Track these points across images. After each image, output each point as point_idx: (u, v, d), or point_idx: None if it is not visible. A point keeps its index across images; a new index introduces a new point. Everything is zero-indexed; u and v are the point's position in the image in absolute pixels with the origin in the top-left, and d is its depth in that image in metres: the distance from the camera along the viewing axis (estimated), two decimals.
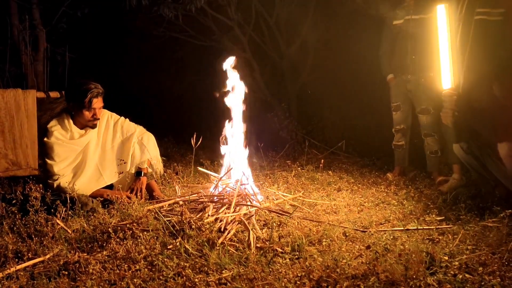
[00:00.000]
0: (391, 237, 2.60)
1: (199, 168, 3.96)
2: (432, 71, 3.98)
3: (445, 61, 3.34)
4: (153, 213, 2.90)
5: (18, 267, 2.19)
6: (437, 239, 2.59)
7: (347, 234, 2.70)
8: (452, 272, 2.08)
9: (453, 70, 3.32)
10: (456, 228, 2.75)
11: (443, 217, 3.02)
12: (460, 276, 2.02)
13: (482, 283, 1.97)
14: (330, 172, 4.51)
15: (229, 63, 3.62)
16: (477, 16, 3.28)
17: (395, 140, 4.52)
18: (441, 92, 3.42)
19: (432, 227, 2.78)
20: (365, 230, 2.76)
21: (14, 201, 2.75)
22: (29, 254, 2.34)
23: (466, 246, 2.42)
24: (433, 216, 3.00)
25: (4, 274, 2.11)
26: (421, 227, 2.79)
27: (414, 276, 2.03)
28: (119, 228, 2.61)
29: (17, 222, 2.64)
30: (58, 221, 2.69)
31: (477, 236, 2.60)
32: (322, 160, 4.64)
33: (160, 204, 3.14)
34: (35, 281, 2.07)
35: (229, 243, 2.52)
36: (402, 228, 2.77)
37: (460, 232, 2.62)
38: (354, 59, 6.65)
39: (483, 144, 3.25)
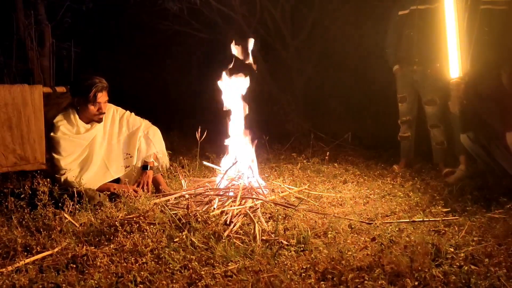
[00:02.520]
0: (397, 229, 2.60)
1: (205, 163, 3.98)
2: (438, 61, 3.95)
3: (452, 50, 3.32)
4: (159, 207, 2.92)
5: (27, 260, 2.22)
6: (443, 231, 2.58)
7: (352, 226, 2.70)
8: (458, 264, 2.07)
9: (460, 59, 3.30)
10: (462, 219, 2.74)
11: (449, 209, 3.01)
12: (466, 268, 2.02)
13: (488, 275, 1.96)
14: (336, 164, 4.50)
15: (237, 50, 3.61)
16: (483, 5, 3.25)
17: (401, 131, 4.50)
18: (447, 82, 3.40)
19: (438, 218, 2.78)
20: (370, 222, 2.76)
21: (22, 196, 2.78)
22: (37, 248, 2.36)
23: (472, 238, 2.41)
24: (439, 207, 2.99)
25: (13, 267, 2.14)
26: (427, 219, 2.78)
27: (420, 268, 2.03)
28: (126, 221, 2.63)
29: (25, 216, 2.67)
30: (65, 215, 2.72)
31: (484, 228, 2.59)
32: (328, 153, 4.63)
33: (166, 198, 3.16)
34: (44, 274, 2.09)
35: (235, 236, 2.53)
36: (408, 220, 2.77)
37: (466, 224, 2.62)
38: (360, 50, 6.62)
39: (491, 134, 3.23)
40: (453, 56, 3.33)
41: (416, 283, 1.92)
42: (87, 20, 6.51)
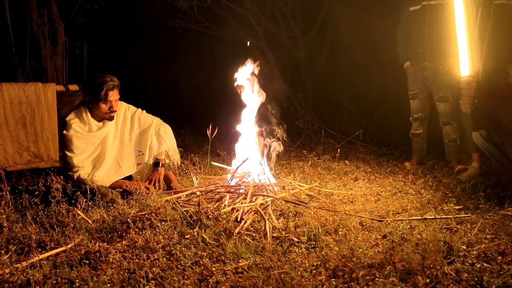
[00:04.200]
0: (408, 226, 2.58)
1: (213, 163, 3.99)
2: (450, 57, 3.90)
3: (463, 47, 3.27)
4: (171, 204, 2.94)
5: (41, 256, 2.25)
6: (455, 228, 2.56)
7: (363, 224, 2.69)
8: (470, 261, 2.06)
9: (471, 56, 3.26)
10: (474, 217, 2.72)
11: (461, 206, 2.98)
12: (478, 265, 2.00)
13: (501, 272, 1.95)
14: (346, 161, 4.49)
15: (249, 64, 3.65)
16: (496, 0, 3.20)
17: (413, 128, 4.47)
18: (459, 79, 3.36)
19: (450, 216, 2.76)
20: (381, 219, 2.75)
21: (36, 193, 2.81)
22: (51, 244, 2.39)
23: (484, 235, 2.39)
24: (451, 205, 2.97)
25: (28, 263, 2.17)
26: (439, 217, 2.76)
27: (431, 265, 2.02)
28: (138, 218, 2.66)
29: (40, 213, 2.71)
30: (79, 211, 2.75)
31: (497, 225, 2.57)
32: (339, 150, 4.63)
33: (178, 195, 3.18)
34: (58, 270, 2.12)
35: (246, 232, 2.54)
36: (420, 218, 2.75)
37: (479, 221, 2.59)
38: (370, 47, 6.58)
39: (503, 132, 3.19)
40: (464, 54, 3.29)
41: (428, 280, 1.92)
42: (99, 19, 6.56)
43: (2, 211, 2.67)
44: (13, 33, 4.55)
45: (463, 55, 3.27)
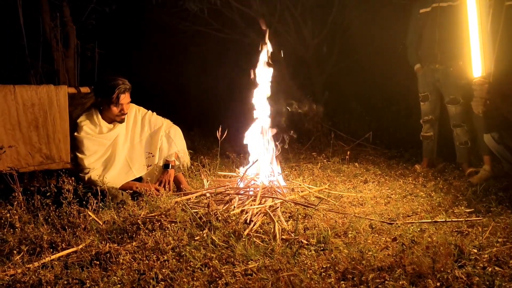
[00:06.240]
0: (419, 229, 2.57)
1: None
2: (461, 59, 3.88)
3: (475, 48, 3.25)
4: (180, 205, 2.95)
5: (53, 256, 2.28)
6: (466, 232, 2.54)
7: (373, 226, 2.68)
8: (481, 265, 2.04)
9: (483, 57, 3.23)
10: (486, 220, 2.69)
11: (472, 209, 2.95)
12: (490, 269, 1.98)
13: None
14: (356, 164, 4.47)
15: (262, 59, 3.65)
16: (508, 1, 3.18)
17: (423, 131, 4.44)
18: (471, 81, 3.33)
19: (461, 219, 2.73)
20: (391, 222, 2.74)
21: (48, 194, 2.85)
22: (63, 245, 2.42)
23: (496, 239, 2.37)
24: (462, 208, 2.95)
25: (40, 263, 2.20)
26: (450, 220, 2.74)
27: (442, 269, 2.00)
28: (148, 219, 2.68)
29: (51, 214, 2.74)
30: (89, 213, 2.78)
31: (508, 229, 2.54)
32: (348, 152, 4.61)
33: (188, 196, 3.19)
34: (69, 270, 2.15)
35: (255, 234, 2.54)
36: (430, 220, 2.73)
37: (491, 225, 2.57)
38: (381, 49, 6.55)
39: None
40: (476, 55, 3.26)
41: (438, 284, 1.90)
42: (111, 22, 6.61)
43: (15, 211, 2.70)
44: (26, 36, 4.61)
45: (476, 56, 3.24)
